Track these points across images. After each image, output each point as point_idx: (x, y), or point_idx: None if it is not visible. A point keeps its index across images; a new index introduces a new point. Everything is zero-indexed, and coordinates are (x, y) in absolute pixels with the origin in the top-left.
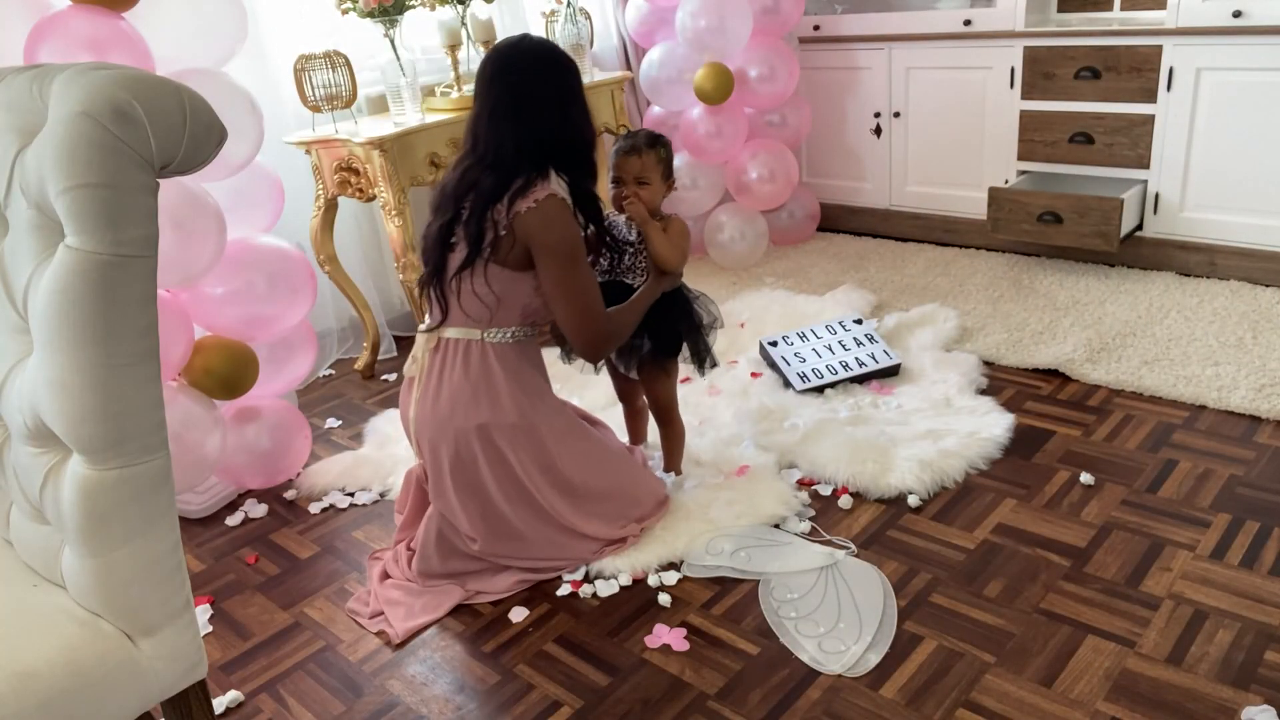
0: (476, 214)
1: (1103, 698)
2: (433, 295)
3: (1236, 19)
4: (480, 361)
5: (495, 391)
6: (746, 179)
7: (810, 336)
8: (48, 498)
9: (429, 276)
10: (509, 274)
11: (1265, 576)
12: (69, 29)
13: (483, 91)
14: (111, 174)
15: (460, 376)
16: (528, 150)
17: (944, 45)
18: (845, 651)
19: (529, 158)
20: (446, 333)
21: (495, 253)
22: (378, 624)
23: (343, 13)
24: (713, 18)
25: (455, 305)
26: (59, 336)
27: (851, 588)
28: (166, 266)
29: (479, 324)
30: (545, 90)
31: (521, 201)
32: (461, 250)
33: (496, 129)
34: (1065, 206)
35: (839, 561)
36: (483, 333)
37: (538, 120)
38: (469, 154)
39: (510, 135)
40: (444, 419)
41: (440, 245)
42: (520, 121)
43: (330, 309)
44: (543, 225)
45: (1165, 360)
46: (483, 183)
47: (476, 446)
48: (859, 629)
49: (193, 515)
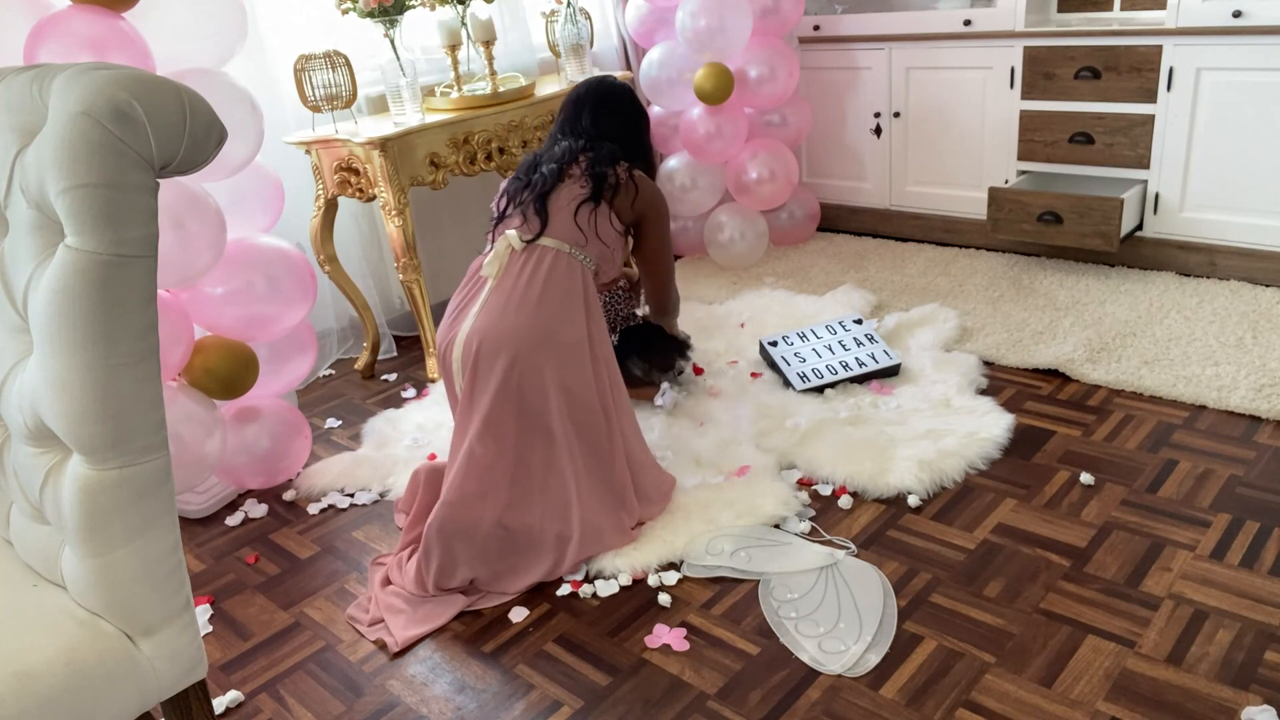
0: (602, 162)
1: (1103, 698)
2: (534, 212)
3: (1236, 19)
4: (569, 274)
5: (570, 297)
6: (746, 179)
7: (810, 336)
8: (48, 498)
9: (536, 197)
10: (612, 221)
11: (1265, 576)
12: (69, 29)
13: (584, 101)
14: (111, 174)
15: (539, 281)
16: (625, 141)
17: (944, 45)
18: (845, 651)
19: (625, 147)
20: (544, 241)
21: (612, 199)
22: (377, 632)
23: (343, 13)
24: (713, 18)
25: (558, 221)
26: (59, 336)
27: (851, 588)
28: (166, 266)
29: (569, 241)
30: (630, 111)
31: (635, 171)
32: (582, 185)
33: (600, 125)
34: (1065, 206)
35: (839, 562)
36: (570, 248)
37: (627, 126)
38: (571, 138)
39: (611, 125)
40: (524, 325)
41: (553, 177)
42: (619, 117)
43: (330, 309)
44: (650, 190)
45: (1165, 360)
46: (601, 148)
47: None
48: (859, 629)
49: (193, 515)
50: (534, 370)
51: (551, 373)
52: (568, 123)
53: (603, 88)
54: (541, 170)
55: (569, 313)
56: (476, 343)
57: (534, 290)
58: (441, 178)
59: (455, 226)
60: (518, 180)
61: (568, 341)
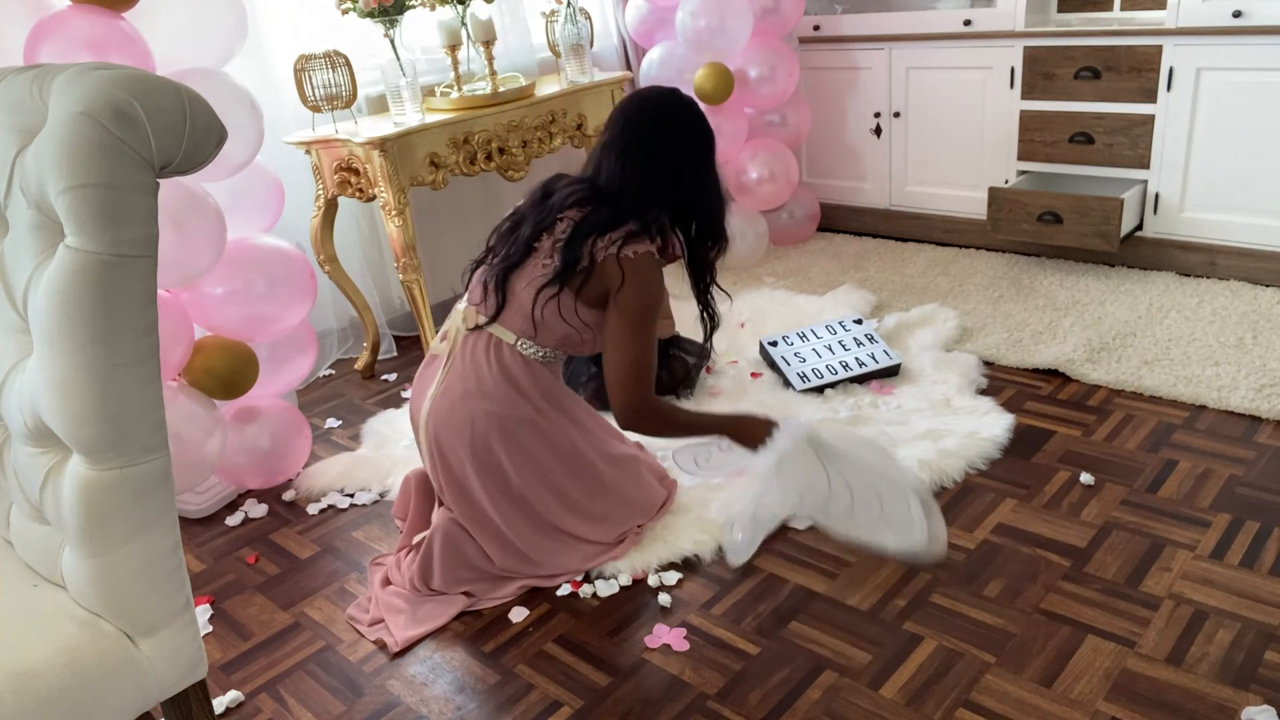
0: (578, 239)
1: (1103, 698)
2: (494, 288)
3: (1236, 19)
4: (510, 361)
5: (519, 390)
6: (746, 179)
7: (810, 336)
8: (48, 498)
9: (500, 271)
10: (576, 306)
11: (1265, 576)
12: (69, 29)
13: (617, 123)
14: (111, 174)
15: (488, 369)
16: (643, 197)
17: (944, 45)
18: (913, 523)
19: (640, 204)
20: (494, 330)
21: (580, 287)
22: (377, 632)
23: (343, 13)
24: (713, 18)
25: (514, 306)
26: (59, 336)
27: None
28: (166, 266)
29: (518, 333)
30: (676, 149)
31: (626, 247)
32: (545, 263)
33: (624, 168)
34: (1065, 206)
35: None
36: (517, 340)
37: (663, 173)
38: (587, 178)
39: (636, 180)
40: (466, 401)
41: (522, 247)
42: (642, 167)
43: (330, 309)
44: (634, 277)
45: (1165, 360)
46: (595, 212)
47: (498, 436)
48: (904, 500)
49: (193, 515)
50: (486, 451)
51: (499, 443)
52: (593, 152)
53: (642, 109)
54: (521, 232)
55: (514, 399)
56: (434, 432)
57: (486, 379)
58: (441, 178)
59: (455, 226)
60: (513, 217)
61: (518, 419)
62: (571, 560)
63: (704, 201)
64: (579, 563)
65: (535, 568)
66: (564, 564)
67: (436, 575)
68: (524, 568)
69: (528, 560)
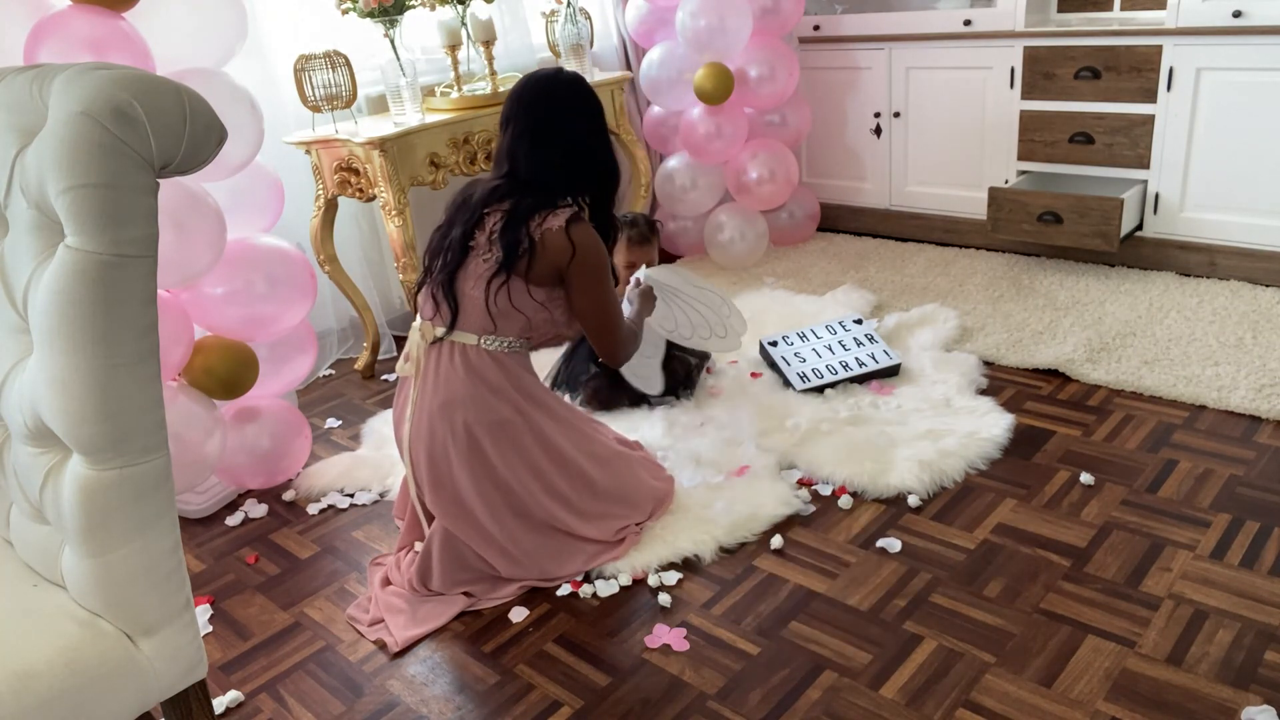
0: (513, 225)
1: (1103, 698)
2: (443, 296)
3: (1236, 19)
4: (479, 363)
5: (493, 389)
6: (746, 179)
7: (810, 336)
8: (48, 498)
9: (444, 279)
10: (528, 289)
11: (1265, 576)
12: (69, 29)
13: (520, 116)
14: (111, 174)
15: (458, 377)
16: (564, 175)
17: (944, 45)
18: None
19: (564, 182)
20: (456, 336)
21: (528, 270)
22: (377, 632)
23: (343, 13)
24: (713, 18)
25: (468, 307)
26: (59, 336)
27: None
28: (166, 266)
29: (479, 331)
30: (580, 122)
31: (553, 219)
32: (485, 258)
33: (541, 153)
34: (1065, 206)
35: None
36: (480, 339)
37: (572, 149)
38: (503, 175)
39: (546, 160)
40: (445, 412)
41: (458, 250)
42: (555, 148)
43: (330, 309)
44: (582, 245)
45: (1165, 360)
46: (521, 199)
47: (482, 440)
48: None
49: (193, 515)
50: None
51: (486, 446)
52: (500, 151)
53: (537, 95)
54: (452, 236)
55: (490, 401)
56: (420, 452)
57: (458, 388)
58: (441, 178)
59: None
60: (440, 230)
61: (499, 421)
62: (574, 563)
63: (608, 160)
64: (581, 564)
65: (540, 573)
66: (567, 567)
67: (435, 577)
68: (529, 574)
69: (533, 568)
